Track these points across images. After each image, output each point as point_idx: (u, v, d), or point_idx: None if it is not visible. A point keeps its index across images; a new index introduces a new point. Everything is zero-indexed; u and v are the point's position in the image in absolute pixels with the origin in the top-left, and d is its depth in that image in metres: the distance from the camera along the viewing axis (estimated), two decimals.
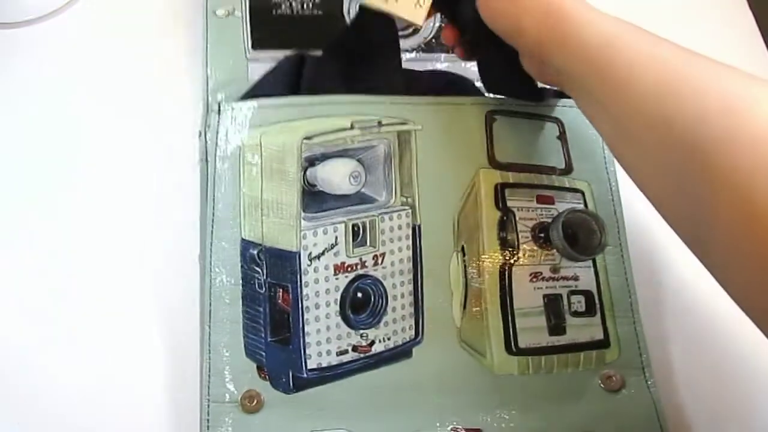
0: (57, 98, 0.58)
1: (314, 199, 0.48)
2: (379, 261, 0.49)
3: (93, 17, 0.61)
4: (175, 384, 0.47)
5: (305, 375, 0.46)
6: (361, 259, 0.48)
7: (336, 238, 0.48)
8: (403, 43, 0.58)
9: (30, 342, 0.49)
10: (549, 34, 0.42)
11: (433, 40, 0.61)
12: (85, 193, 0.54)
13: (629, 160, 0.40)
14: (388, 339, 0.48)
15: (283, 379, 0.45)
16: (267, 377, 0.45)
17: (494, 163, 0.52)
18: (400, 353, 0.48)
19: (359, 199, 0.49)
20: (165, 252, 0.52)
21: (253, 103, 0.51)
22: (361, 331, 0.48)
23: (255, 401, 0.44)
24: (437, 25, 0.61)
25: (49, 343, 0.48)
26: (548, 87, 0.56)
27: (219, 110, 0.50)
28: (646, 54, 0.37)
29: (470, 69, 0.58)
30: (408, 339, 0.49)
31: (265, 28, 0.58)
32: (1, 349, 0.48)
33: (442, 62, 0.60)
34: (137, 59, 0.60)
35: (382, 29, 0.53)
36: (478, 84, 0.57)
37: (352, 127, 0.49)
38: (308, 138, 0.48)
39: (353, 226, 0.48)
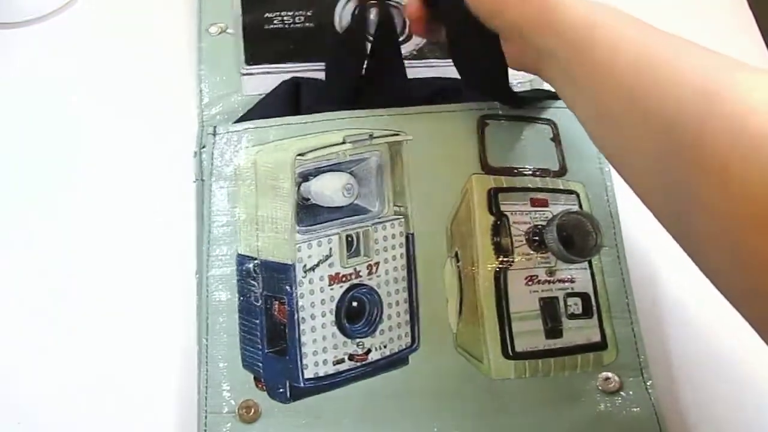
0: (56, 99, 0.60)
1: (308, 212, 0.50)
2: (374, 270, 0.51)
3: (92, 18, 0.64)
4: (173, 395, 0.49)
5: (302, 384, 0.48)
6: (355, 269, 0.50)
7: (330, 249, 0.50)
8: None
9: (26, 350, 0.51)
10: (531, 13, 0.43)
11: (425, 48, 0.62)
12: (83, 196, 0.56)
13: (608, 143, 0.41)
14: (385, 347, 0.50)
15: (281, 389, 0.48)
16: (264, 387, 0.48)
17: (487, 168, 0.53)
18: (396, 360, 0.50)
19: (353, 210, 0.51)
20: (162, 266, 0.54)
21: (248, 125, 0.54)
22: (357, 340, 0.50)
23: (252, 411, 0.47)
24: None
25: (46, 354, 0.50)
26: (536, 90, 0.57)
27: (214, 133, 0.53)
28: (628, 36, 0.38)
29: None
30: (404, 346, 0.50)
31: (259, 43, 0.60)
32: None
33: (435, 68, 0.61)
34: (137, 60, 0.62)
35: (385, 42, 0.55)
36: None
37: (344, 142, 0.51)
38: (301, 154, 0.50)
39: (347, 236, 0.50)
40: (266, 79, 0.59)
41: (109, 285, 0.53)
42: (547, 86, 0.59)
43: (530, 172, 0.54)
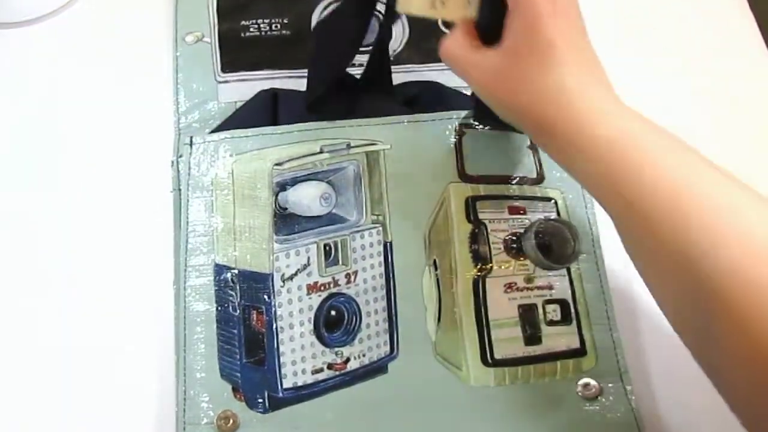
0: (54, 99, 0.62)
1: (286, 221, 0.53)
2: (352, 279, 0.53)
3: (91, 18, 0.66)
4: (151, 407, 0.51)
5: (281, 394, 0.50)
6: (333, 278, 0.52)
7: (308, 258, 0.52)
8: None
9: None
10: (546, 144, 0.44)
11: (403, 54, 0.64)
12: (62, 200, 0.58)
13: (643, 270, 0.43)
14: (363, 356, 0.52)
15: (259, 399, 0.50)
16: (243, 398, 0.50)
17: (464, 177, 0.56)
18: (375, 369, 0.52)
19: (330, 219, 0.54)
20: (139, 276, 0.55)
21: (224, 135, 0.56)
22: (336, 349, 0.52)
23: (231, 422, 0.49)
24: (405, 38, 0.65)
25: (22, 363, 0.52)
26: None
27: (191, 143, 0.55)
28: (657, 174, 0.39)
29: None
30: (383, 355, 0.53)
31: (235, 51, 0.63)
32: None
33: (413, 73, 0.64)
34: (136, 60, 0.64)
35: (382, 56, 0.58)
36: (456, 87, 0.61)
37: (321, 152, 0.54)
38: (278, 164, 0.53)
39: (325, 246, 0.52)
40: (242, 86, 0.61)
41: (85, 295, 0.55)
42: None
43: (508, 180, 0.57)
